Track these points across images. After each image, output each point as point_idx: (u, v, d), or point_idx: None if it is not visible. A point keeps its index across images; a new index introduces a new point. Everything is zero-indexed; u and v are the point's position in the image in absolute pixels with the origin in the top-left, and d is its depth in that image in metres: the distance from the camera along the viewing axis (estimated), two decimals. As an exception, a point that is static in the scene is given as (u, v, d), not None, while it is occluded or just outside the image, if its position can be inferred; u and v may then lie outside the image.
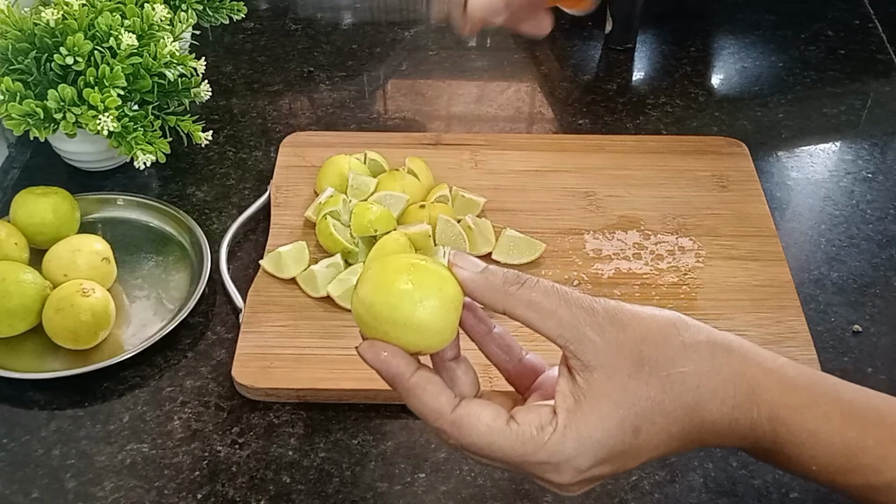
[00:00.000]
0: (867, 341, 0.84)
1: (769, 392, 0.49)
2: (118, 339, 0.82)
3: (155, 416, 0.77)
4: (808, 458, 0.49)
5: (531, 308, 0.48)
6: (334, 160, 0.94)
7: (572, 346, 0.48)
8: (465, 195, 0.92)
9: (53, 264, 0.83)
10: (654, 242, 0.90)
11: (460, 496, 0.72)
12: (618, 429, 0.47)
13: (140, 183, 0.98)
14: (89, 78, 0.86)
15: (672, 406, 0.48)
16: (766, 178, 0.99)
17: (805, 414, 0.49)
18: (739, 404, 0.49)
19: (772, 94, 1.11)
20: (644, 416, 0.48)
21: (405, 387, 0.49)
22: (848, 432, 0.49)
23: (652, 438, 0.48)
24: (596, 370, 0.48)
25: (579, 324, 0.48)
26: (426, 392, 0.49)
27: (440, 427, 0.49)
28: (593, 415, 0.47)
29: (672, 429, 0.49)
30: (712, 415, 0.49)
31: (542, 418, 0.48)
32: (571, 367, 0.48)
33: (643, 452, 0.49)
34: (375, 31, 1.21)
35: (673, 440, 0.49)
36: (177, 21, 0.93)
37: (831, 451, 0.49)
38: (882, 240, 0.93)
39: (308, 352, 0.80)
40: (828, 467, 0.49)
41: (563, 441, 0.47)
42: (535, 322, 0.49)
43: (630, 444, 0.48)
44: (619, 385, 0.47)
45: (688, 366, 0.48)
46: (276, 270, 0.86)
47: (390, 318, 0.49)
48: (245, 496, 0.72)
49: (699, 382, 0.48)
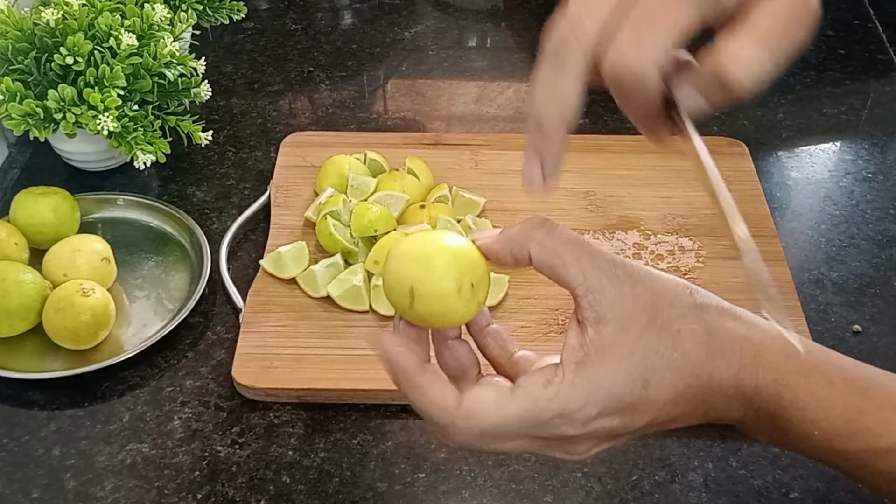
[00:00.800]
0: (867, 341, 0.84)
1: (774, 356, 0.50)
2: (118, 339, 0.82)
3: (155, 416, 0.77)
4: (810, 422, 0.50)
5: (555, 254, 0.49)
6: (334, 160, 0.94)
7: (591, 295, 0.48)
8: (465, 195, 0.92)
9: (53, 264, 0.83)
10: (654, 242, 0.90)
11: (460, 496, 0.72)
12: (627, 379, 0.48)
13: (140, 183, 0.98)
14: (89, 78, 0.86)
15: (681, 361, 0.49)
16: (766, 178, 0.99)
17: (808, 377, 0.50)
18: (746, 365, 0.50)
19: (772, 94, 1.11)
20: (654, 368, 0.48)
21: (415, 382, 0.49)
22: (850, 397, 0.50)
23: (661, 393, 0.49)
24: (610, 323, 0.48)
25: (600, 274, 0.48)
26: (434, 389, 0.49)
27: (451, 422, 0.48)
28: (603, 365, 0.48)
29: (679, 385, 0.49)
30: (719, 374, 0.49)
31: (547, 375, 0.48)
32: (584, 319, 0.49)
33: (651, 408, 0.49)
34: (375, 31, 1.21)
35: (680, 400, 0.49)
36: (177, 21, 0.93)
37: (833, 415, 0.50)
38: (882, 240, 0.93)
39: (308, 352, 0.80)
40: (829, 432, 0.50)
41: (573, 389, 0.47)
42: (559, 268, 0.49)
43: (638, 396, 0.48)
44: (632, 338, 0.48)
45: (698, 324, 0.49)
46: (276, 270, 0.86)
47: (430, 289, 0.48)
48: (245, 496, 0.72)
49: (708, 341, 0.49)
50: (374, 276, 0.84)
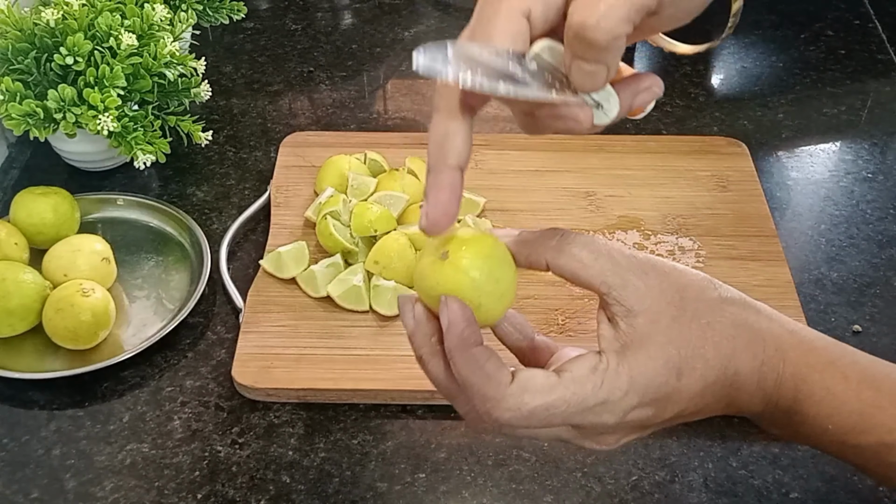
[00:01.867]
0: (867, 341, 0.84)
1: (793, 350, 0.51)
2: (118, 339, 0.82)
3: (155, 416, 0.77)
4: (825, 416, 0.51)
5: (573, 257, 0.49)
6: (334, 160, 0.94)
7: (616, 291, 0.48)
8: (465, 195, 0.91)
9: (53, 264, 0.83)
10: (654, 242, 0.90)
11: (460, 496, 0.72)
12: (664, 368, 0.48)
13: (140, 183, 0.98)
14: (89, 78, 0.86)
15: (712, 353, 0.49)
16: (766, 178, 0.99)
17: (824, 373, 0.51)
18: (768, 359, 0.51)
19: (772, 94, 1.11)
20: (686, 359, 0.49)
21: (472, 353, 0.48)
22: (864, 392, 0.51)
23: (692, 384, 0.49)
24: (640, 315, 0.48)
25: (621, 269, 0.49)
26: (490, 362, 0.48)
27: (502, 397, 0.48)
28: (641, 355, 0.48)
29: (710, 377, 0.50)
30: (745, 367, 0.50)
31: (592, 361, 0.48)
32: (613, 315, 0.49)
33: (682, 399, 0.50)
34: (375, 31, 1.21)
35: (707, 392, 0.50)
36: (177, 21, 0.93)
37: (847, 410, 0.51)
38: (882, 240, 0.93)
39: (308, 352, 0.80)
40: (843, 426, 0.51)
41: (619, 376, 0.48)
42: (579, 271, 0.49)
43: (673, 386, 0.49)
44: (664, 328, 0.48)
45: (725, 317, 0.50)
46: (276, 270, 0.86)
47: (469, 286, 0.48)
48: (245, 496, 0.72)
49: (735, 334, 0.50)
50: (374, 275, 0.84)
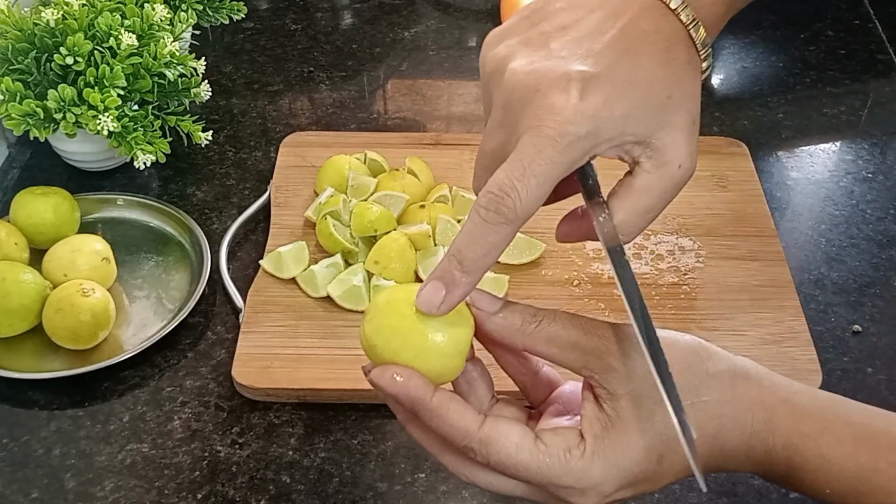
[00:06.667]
0: (867, 341, 0.84)
1: (785, 419, 0.50)
2: (118, 339, 0.82)
3: (155, 416, 0.77)
4: (822, 483, 0.50)
5: (551, 343, 0.49)
6: (334, 160, 0.94)
7: (597, 376, 0.48)
8: (465, 195, 0.92)
9: (53, 264, 0.83)
10: (654, 242, 0.90)
11: (460, 496, 0.72)
12: (643, 457, 0.48)
13: (140, 183, 0.98)
14: (89, 78, 0.86)
15: (696, 434, 0.48)
16: (766, 178, 0.99)
17: (818, 440, 0.49)
18: (756, 432, 0.50)
19: (772, 94, 1.11)
20: (668, 443, 0.48)
21: (428, 409, 0.48)
22: (861, 456, 0.49)
23: (674, 465, 0.49)
24: (622, 398, 0.48)
25: (602, 354, 0.48)
26: (451, 412, 0.48)
27: (468, 445, 0.48)
28: (620, 443, 0.48)
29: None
30: (731, 443, 0.50)
31: (570, 441, 0.48)
32: (598, 396, 0.49)
33: (665, 478, 0.50)
34: (375, 31, 1.21)
35: (691, 468, 0.49)
36: (177, 21, 0.93)
37: (844, 476, 0.49)
38: (882, 240, 0.93)
39: (308, 352, 0.80)
40: (841, 491, 0.50)
41: (591, 467, 0.47)
42: (557, 356, 0.49)
43: (654, 470, 0.48)
44: (646, 413, 0.48)
45: (711, 395, 0.49)
46: (276, 270, 0.86)
47: (406, 352, 0.48)
48: (245, 496, 0.72)
49: (721, 412, 0.49)
50: (374, 275, 0.84)
